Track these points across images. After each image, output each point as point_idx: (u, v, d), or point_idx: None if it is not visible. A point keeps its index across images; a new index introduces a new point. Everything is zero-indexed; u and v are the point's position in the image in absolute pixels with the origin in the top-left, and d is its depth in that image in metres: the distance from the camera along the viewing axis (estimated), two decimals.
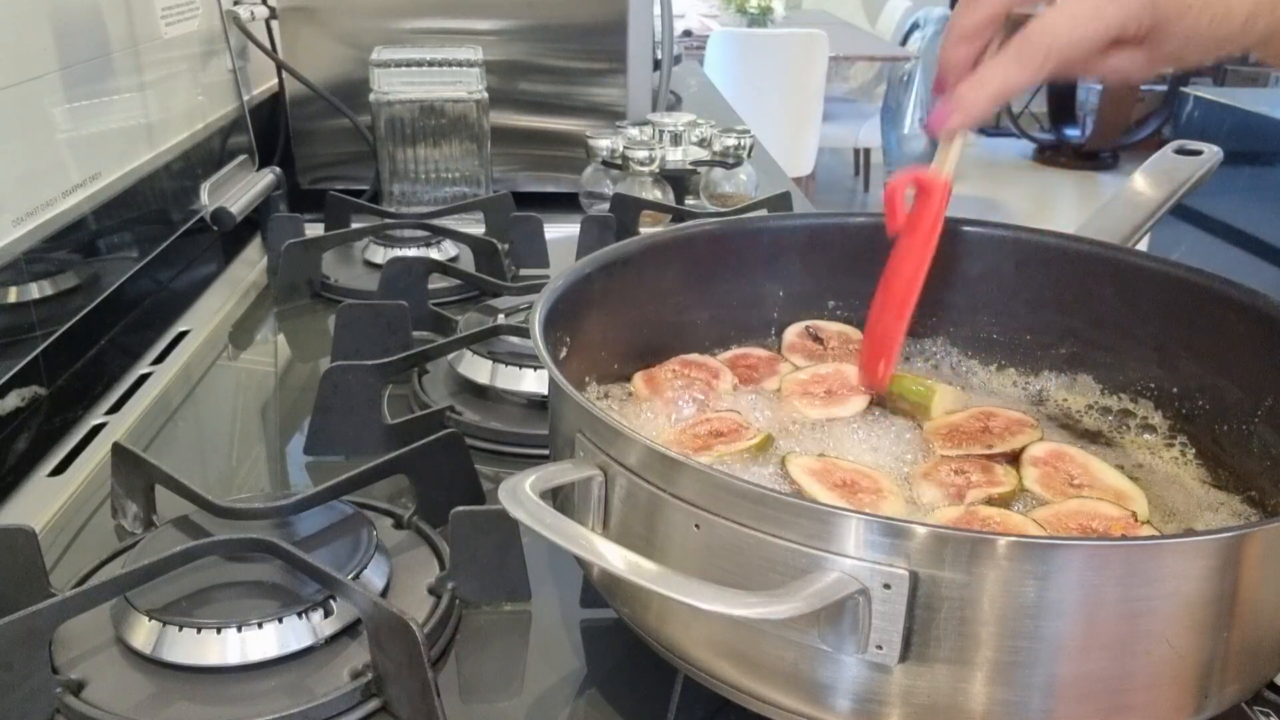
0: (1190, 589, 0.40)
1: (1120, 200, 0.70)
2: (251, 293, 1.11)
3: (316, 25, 1.31)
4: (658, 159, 1.20)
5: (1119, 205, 0.70)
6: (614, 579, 0.49)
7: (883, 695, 0.42)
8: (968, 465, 0.58)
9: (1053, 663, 0.40)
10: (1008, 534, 0.42)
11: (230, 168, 1.24)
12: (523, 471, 0.45)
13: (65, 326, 0.83)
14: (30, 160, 0.83)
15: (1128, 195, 0.71)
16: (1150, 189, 0.70)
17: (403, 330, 0.87)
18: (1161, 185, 0.70)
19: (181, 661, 0.53)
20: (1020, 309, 0.69)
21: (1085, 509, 0.54)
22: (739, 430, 0.60)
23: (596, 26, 1.31)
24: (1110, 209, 0.70)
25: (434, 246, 1.11)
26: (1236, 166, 0.69)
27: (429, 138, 1.24)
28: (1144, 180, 0.71)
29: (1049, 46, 0.51)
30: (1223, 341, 0.60)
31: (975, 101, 0.53)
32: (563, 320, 0.58)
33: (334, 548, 0.60)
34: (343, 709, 0.52)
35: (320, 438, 0.76)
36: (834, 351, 0.70)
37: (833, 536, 0.40)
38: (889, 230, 0.60)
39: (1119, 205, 0.70)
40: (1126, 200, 0.70)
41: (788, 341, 0.72)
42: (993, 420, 0.62)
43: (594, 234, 1.09)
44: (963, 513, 0.54)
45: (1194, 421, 0.62)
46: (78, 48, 0.91)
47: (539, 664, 0.57)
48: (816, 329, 0.71)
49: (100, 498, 0.70)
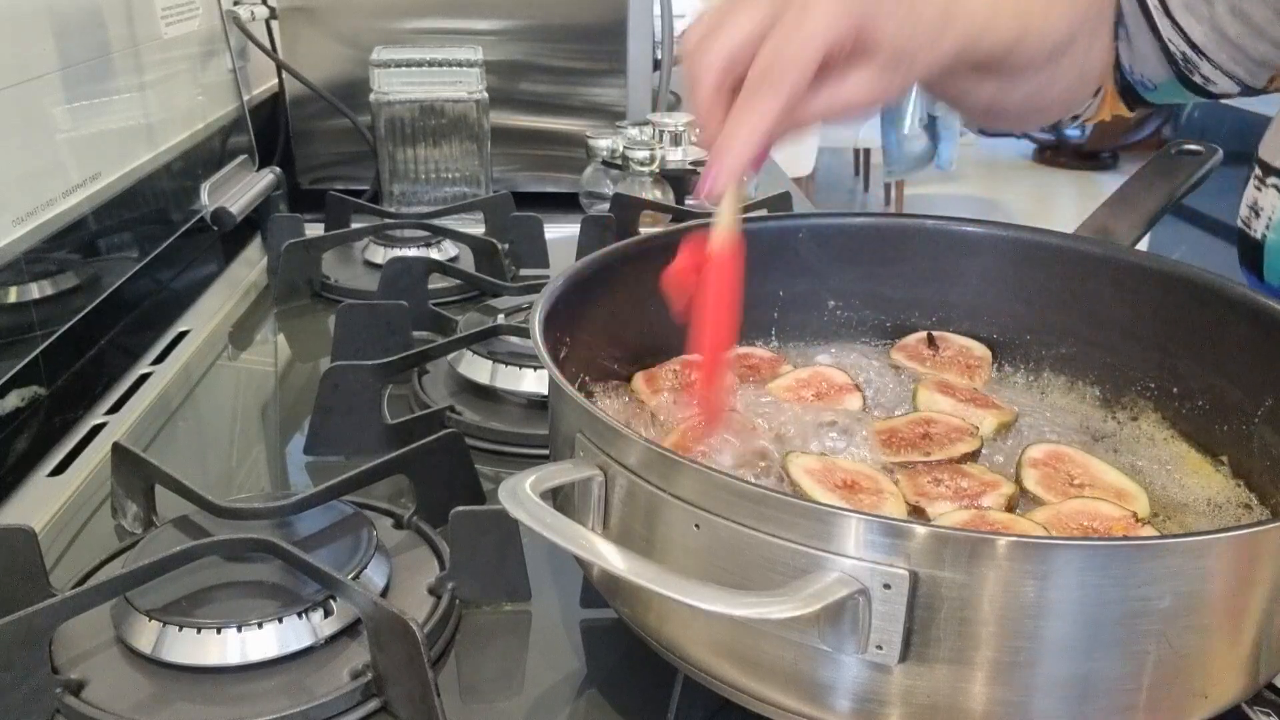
0: (1190, 589, 0.40)
1: (1120, 200, 0.70)
2: (251, 293, 1.11)
3: (316, 25, 1.31)
4: (658, 159, 1.20)
5: (1119, 205, 0.70)
6: (614, 579, 0.49)
7: (883, 695, 0.42)
8: (942, 472, 0.58)
9: (1053, 663, 0.40)
10: (1007, 534, 0.42)
11: (230, 168, 1.24)
12: (523, 471, 0.45)
13: (65, 326, 0.83)
14: (30, 160, 0.83)
15: (1128, 195, 0.71)
16: (1150, 189, 0.70)
17: (403, 330, 0.87)
18: (1161, 185, 0.70)
19: (181, 661, 0.53)
20: (1020, 309, 0.69)
21: (1086, 509, 0.54)
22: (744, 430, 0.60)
23: (596, 26, 1.31)
24: (1110, 209, 0.70)
25: (434, 246, 1.11)
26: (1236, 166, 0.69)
27: (429, 138, 1.24)
28: (1144, 180, 0.71)
29: (775, 75, 0.51)
30: (1223, 341, 0.60)
31: (735, 151, 0.53)
32: (563, 320, 0.58)
33: (334, 548, 0.60)
34: (343, 709, 0.52)
35: (320, 438, 0.76)
36: (944, 361, 0.69)
37: (833, 536, 0.40)
38: (678, 316, 0.56)
39: (1119, 205, 0.70)
40: (1126, 200, 0.70)
41: (901, 342, 0.72)
42: (933, 427, 0.62)
43: (594, 234, 1.09)
44: (972, 516, 0.54)
45: (1194, 421, 0.62)
46: (78, 48, 0.91)
47: (539, 664, 0.57)
48: (938, 337, 0.71)
49: (100, 498, 0.70)
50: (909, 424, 0.62)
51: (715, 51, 0.52)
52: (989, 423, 0.63)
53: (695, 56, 0.53)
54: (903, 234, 0.71)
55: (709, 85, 0.53)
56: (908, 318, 0.72)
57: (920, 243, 0.71)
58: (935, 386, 0.66)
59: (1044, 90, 0.66)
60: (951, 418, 0.63)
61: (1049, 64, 0.64)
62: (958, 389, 0.65)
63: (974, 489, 0.56)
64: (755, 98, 0.52)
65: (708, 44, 0.53)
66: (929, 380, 0.67)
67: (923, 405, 0.65)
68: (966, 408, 0.64)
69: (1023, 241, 0.69)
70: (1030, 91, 0.65)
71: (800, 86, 0.51)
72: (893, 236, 0.71)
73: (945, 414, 0.63)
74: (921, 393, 0.66)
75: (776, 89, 0.51)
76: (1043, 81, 0.65)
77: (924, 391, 0.66)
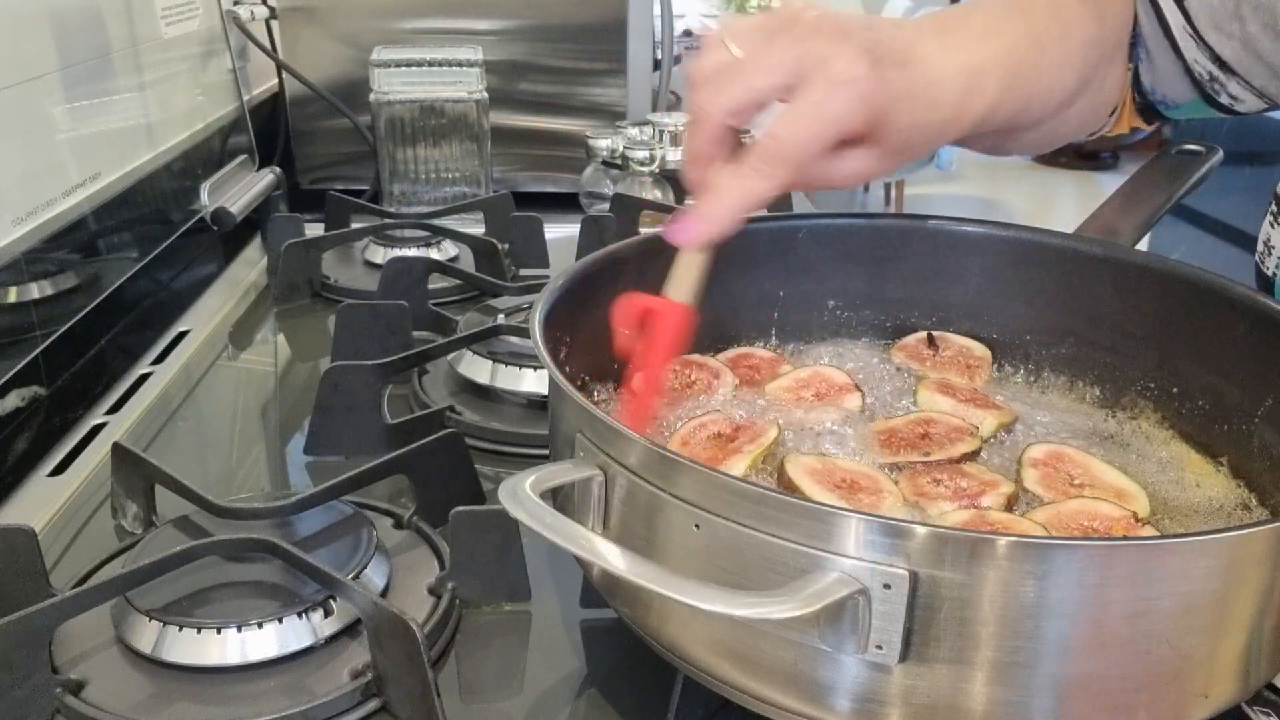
0: (1191, 589, 0.40)
1: (1120, 200, 0.70)
2: (251, 293, 1.11)
3: (316, 25, 1.31)
4: (658, 159, 1.20)
5: (1119, 205, 0.70)
6: (614, 579, 0.49)
7: (883, 695, 0.42)
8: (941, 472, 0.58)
9: (1053, 663, 0.40)
10: (1007, 534, 0.42)
11: (230, 168, 1.24)
12: (523, 471, 0.45)
13: (65, 326, 0.83)
14: (30, 160, 0.83)
15: (1128, 195, 0.70)
16: (1150, 189, 0.70)
17: (403, 330, 0.87)
18: (1161, 185, 0.70)
19: (181, 661, 0.53)
20: (1020, 309, 0.69)
21: (1086, 509, 0.54)
22: (742, 429, 0.60)
23: (596, 26, 1.31)
24: (1110, 209, 0.70)
25: (434, 246, 1.11)
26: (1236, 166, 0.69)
27: (429, 138, 1.24)
28: (1144, 180, 0.71)
29: (783, 155, 0.51)
30: (1223, 341, 0.60)
31: (720, 216, 0.53)
32: (563, 320, 0.58)
33: (334, 548, 0.60)
34: (343, 709, 0.52)
35: (320, 438, 0.76)
36: (944, 361, 0.69)
37: (833, 536, 0.40)
38: (618, 352, 0.57)
39: (1119, 205, 0.70)
40: (1126, 200, 0.70)
41: (901, 342, 0.72)
42: (932, 427, 0.62)
43: (594, 234, 1.09)
44: (972, 516, 0.54)
45: (1194, 421, 0.62)
46: (78, 48, 0.91)
47: (539, 664, 0.57)
48: (938, 337, 0.71)
49: (100, 498, 0.70)
50: (909, 424, 0.62)
51: (727, 98, 0.52)
52: (989, 423, 0.63)
53: (705, 93, 0.53)
54: (903, 234, 0.71)
55: (711, 131, 0.53)
56: (908, 318, 0.72)
57: (920, 243, 0.70)
58: (935, 386, 0.66)
59: (1054, 130, 0.66)
60: (951, 418, 0.63)
61: (1058, 114, 0.64)
62: (958, 389, 0.65)
63: (973, 489, 0.56)
64: (754, 172, 0.52)
65: (722, 85, 0.52)
66: (929, 380, 0.67)
67: (923, 405, 0.65)
68: (966, 408, 0.64)
69: (1023, 241, 0.68)
70: (1038, 135, 0.65)
71: (801, 169, 0.51)
72: (893, 236, 0.71)
73: (945, 414, 0.63)
74: (921, 393, 0.66)
75: (778, 169, 0.52)
76: (1052, 126, 0.65)
77: (924, 391, 0.66)
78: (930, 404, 0.65)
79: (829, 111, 0.51)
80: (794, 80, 0.51)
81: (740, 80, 0.51)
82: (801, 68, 0.51)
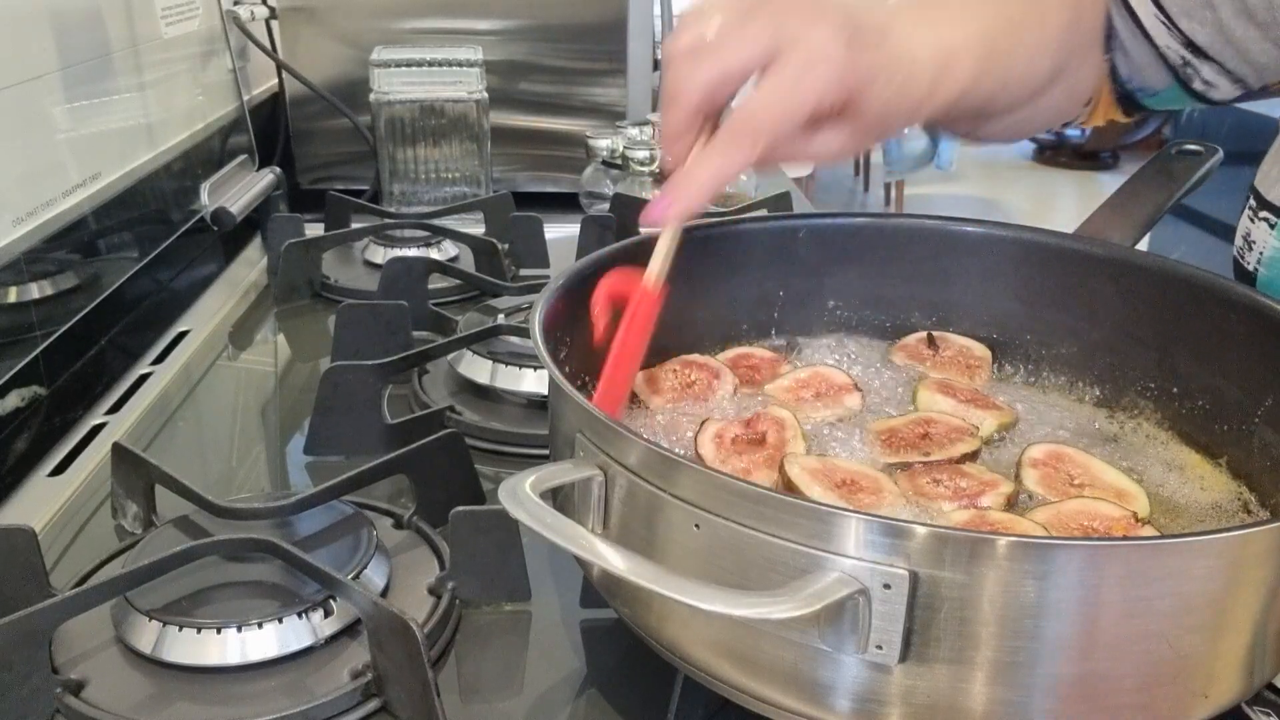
0: (1191, 589, 0.40)
1: (1120, 200, 0.70)
2: (251, 293, 1.11)
3: (316, 25, 1.31)
4: (658, 159, 1.20)
5: (1119, 205, 0.70)
6: (614, 579, 0.49)
7: (883, 695, 0.42)
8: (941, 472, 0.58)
9: (1053, 663, 0.40)
10: (1007, 534, 0.42)
11: (230, 168, 1.24)
12: (523, 471, 0.45)
13: (65, 326, 0.83)
14: (30, 160, 0.83)
15: (1128, 195, 0.70)
16: (1150, 189, 0.70)
17: (403, 330, 0.87)
18: (1161, 185, 0.70)
19: (181, 661, 0.53)
20: (1020, 309, 0.69)
21: (1086, 509, 0.54)
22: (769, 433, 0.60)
23: (596, 26, 1.31)
24: (1110, 209, 0.70)
25: (434, 246, 1.11)
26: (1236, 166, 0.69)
27: (429, 138, 1.24)
28: (1144, 180, 0.71)
29: (754, 130, 0.51)
30: (1223, 341, 0.60)
31: (691, 193, 0.53)
32: (563, 320, 0.58)
33: (334, 548, 0.60)
34: (343, 709, 0.52)
35: (320, 438, 0.76)
36: (944, 361, 0.69)
37: (833, 536, 0.40)
38: (596, 341, 0.57)
39: (1119, 205, 0.70)
40: (1126, 200, 0.70)
41: (901, 342, 0.72)
42: (932, 427, 0.62)
43: (594, 234, 1.09)
44: (972, 516, 0.54)
45: (1194, 421, 0.62)
46: (78, 48, 0.91)
47: (539, 664, 0.57)
48: (938, 337, 0.71)
49: (100, 498, 0.70)
50: (909, 424, 0.62)
51: (703, 74, 0.52)
52: (989, 423, 0.63)
53: (681, 71, 0.52)
54: (903, 234, 0.71)
55: (687, 107, 0.52)
56: (908, 318, 0.72)
57: (920, 243, 0.70)
58: (935, 386, 0.66)
59: (1029, 118, 0.66)
60: (951, 418, 0.63)
61: (1032, 100, 0.64)
62: (958, 389, 0.65)
63: (973, 489, 0.56)
64: (729, 146, 0.52)
65: (698, 62, 0.52)
66: (929, 380, 0.67)
67: (923, 405, 0.65)
68: (966, 408, 0.64)
69: (1023, 241, 0.68)
70: (1012, 122, 0.65)
71: (776, 143, 0.51)
72: (893, 236, 0.71)
73: (945, 414, 0.63)
74: (921, 393, 0.66)
75: (752, 142, 0.51)
76: (1026, 113, 0.65)
77: (924, 391, 0.66)
78: (930, 404, 0.65)
79: (802, 89, 0.51)
80: (768, 58, 0.51)
81: (715, 58, 0.51)
82: (776, 45, 0.50)
